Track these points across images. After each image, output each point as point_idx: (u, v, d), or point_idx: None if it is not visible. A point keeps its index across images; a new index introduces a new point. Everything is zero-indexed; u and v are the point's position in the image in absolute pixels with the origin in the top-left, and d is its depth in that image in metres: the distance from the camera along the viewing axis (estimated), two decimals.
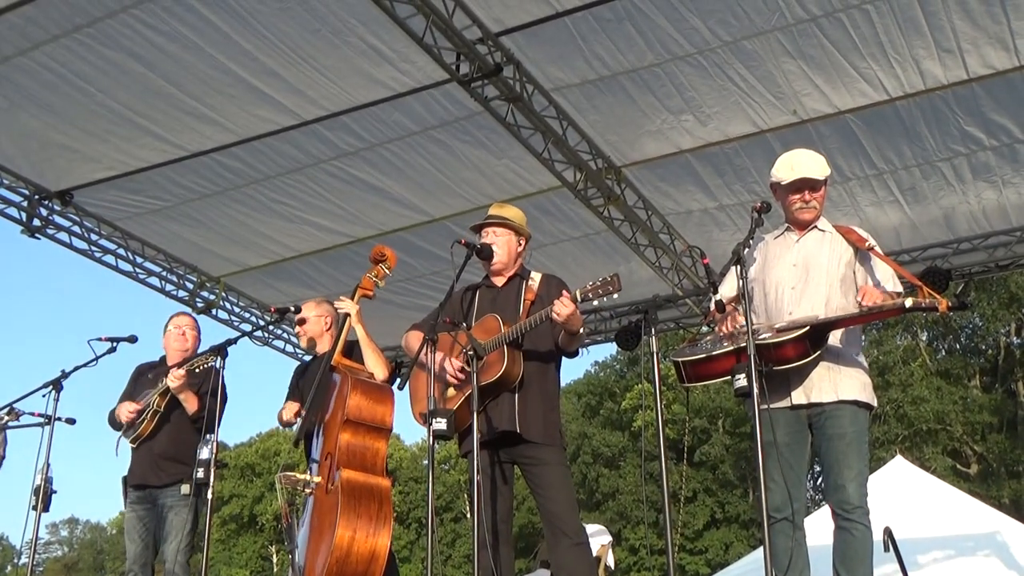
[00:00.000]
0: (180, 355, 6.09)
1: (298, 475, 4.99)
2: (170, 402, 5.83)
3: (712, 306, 4.32)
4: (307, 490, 4.95)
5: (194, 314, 6.34)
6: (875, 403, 4.33)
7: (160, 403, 5.81)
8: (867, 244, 4.38)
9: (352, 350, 5.35)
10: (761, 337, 4.09)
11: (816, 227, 4.47)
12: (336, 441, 4.82)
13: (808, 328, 4.10)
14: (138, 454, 5.94)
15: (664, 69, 7.02)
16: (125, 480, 6.01)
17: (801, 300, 4.28)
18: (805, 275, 4.34)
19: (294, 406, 5.50)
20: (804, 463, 4.33)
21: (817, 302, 4.25)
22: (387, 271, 5.35)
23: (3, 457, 6.71)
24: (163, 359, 6.21)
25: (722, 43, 6.72)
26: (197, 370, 5.64)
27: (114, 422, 6.06)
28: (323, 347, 5.77)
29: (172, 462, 5.84)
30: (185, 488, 5.77)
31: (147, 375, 6.14)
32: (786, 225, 4.54)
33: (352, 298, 5.31)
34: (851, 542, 4.10)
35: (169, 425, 5.88)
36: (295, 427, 5.39)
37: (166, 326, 6.26)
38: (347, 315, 5.29)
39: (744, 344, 3.95)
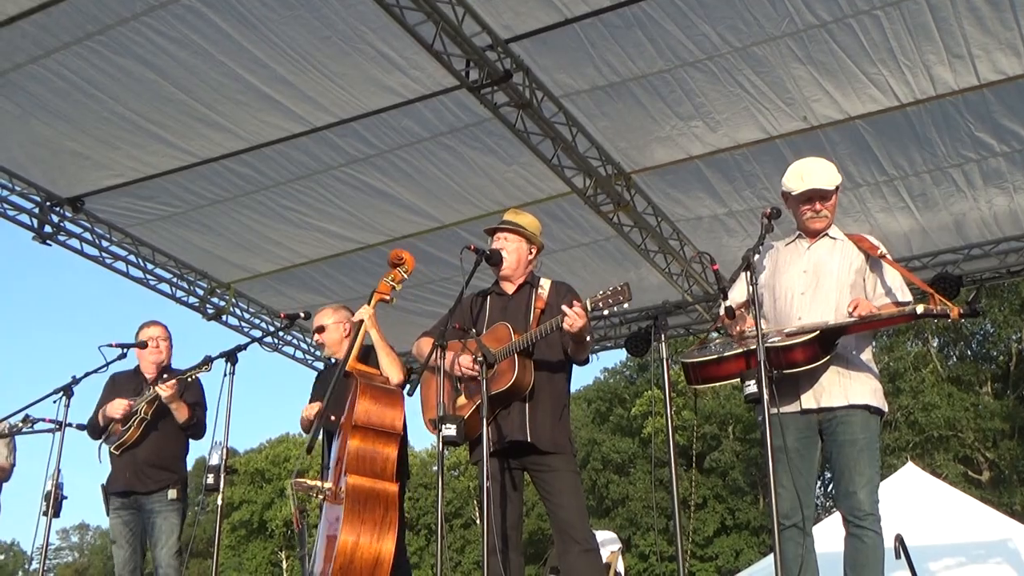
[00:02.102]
0: (155, 367, 6.10)
1: (310, 481, 4.99)
2: (157, 410, 5.84)
3: (722, 311, 4.33)
4: (319, 496, 4.95)
5: (161, 322, 6.29)
6: (886, 408, 4.31)
7: (147, 410, 5.82)
8: (879, 252, 4.37)
9: (369, 355, 5.34)
10: (770, 341, 4.08)
11: (828, 235, 4.47)
12: (346, 447, 4.82)
13: (818, 332, 4.09)
14: (121, 461, 5.92)
15: (674, 75, 7.03)
16: (104, 488, 6.00)
17: (811, 306, 4.28)
18: (815, 282, 4.34)
19: (314, 406, 5.49)
20: (814, 469, 4.31)
21: (827, 308, 4.24)
22: (405, 275, 5.30)
23: (13, 465, 6.73)
24: (138, 368, 6.19)
25: (732, 49, 6.73)
26: (190, 379, 5.65)
27: (95, 430, 6.02)
28: (343, 353, 5.76)
29: (157, 469, 5.87)
30: (172, 493, 5.81)
31: (124, 384, 6.12)
32: (797, 232, 4.54)
33: (369, 302, 5.28)
34: (862, 549, 4.08)
35: (156, 433, 5.89)
36: (311, 432, 5.39)
37: (136, 335, 6.19)
38: (361, 320, 5.27)
39: (752, 347, 3.94)
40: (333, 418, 5.19)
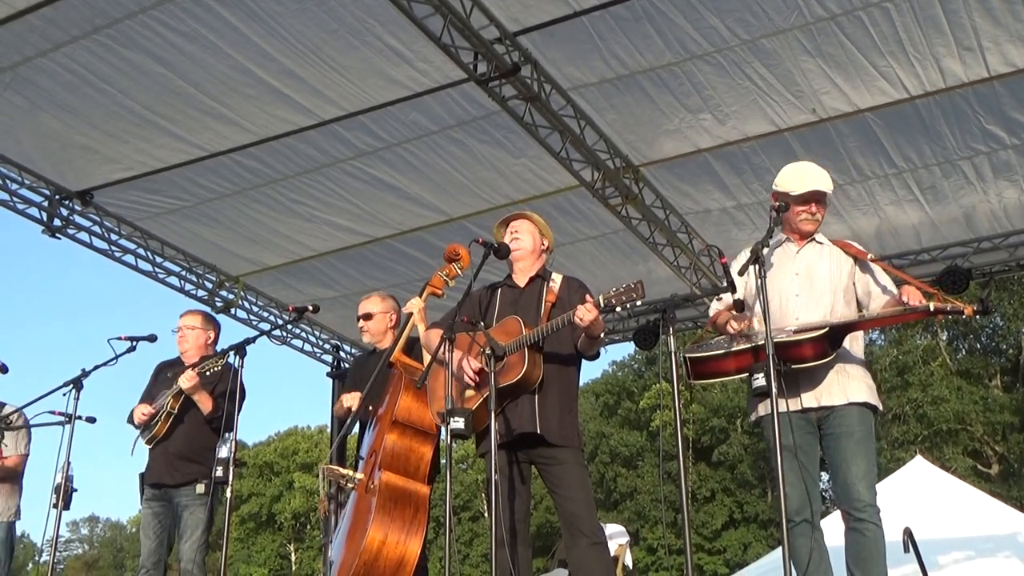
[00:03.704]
0: (187, 356, 6.16)
1: (342, 469, 5.00)
2: (184, 403, 5.86)
3: (718, 307, 4.40)
4: (349, 485, 4.96)
5: (205, 310, 6.32)
6: (880, 407, 4.36)
7: (174, 404, 5.85)
8: (868, 256, 4.44)
9: (413, 347, 5.33)
10: (778, 337, 4.09)
11: (815, 239, 4.52)
12: (382, 440, 4.82)
13: (828, 328, 4.10)
14: (154, 453, 5.99)
15: (682, 68, 7.01)
16: (142, 477, 6.05)
17: (807, 307, 4.34)
18: (809, 284, 4.39)
19: (354, 396, 5.49)
20: (817, 464, 4.36)
21: (823, 310, 4.31)
22: (459, 271, 5.23)
23: (26, 455, 6.77)
24: (179, 358, 6.25)
25: (741, 42, 6.71)
26: (207, 373, 5.66)
27: (132, 421, 6.11)
28: (385, 343, 5.76)
29: (187, 462, 5.87)
30: (200, 488, 5.80)
31: (166, 373, 6.17)
32: (784, 236, 4.55)
33: (420, 295, 5.26)
34: (864, 543, 4.08)
35: (184, 426, 5.91)
36: (347, 421, 5.40)
37: None
38: (410, 313, 5.25)
39: (757, 343, 3.96)
40: (371, 408, 5.20)
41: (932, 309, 4.02)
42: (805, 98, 7.26)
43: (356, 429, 5.64)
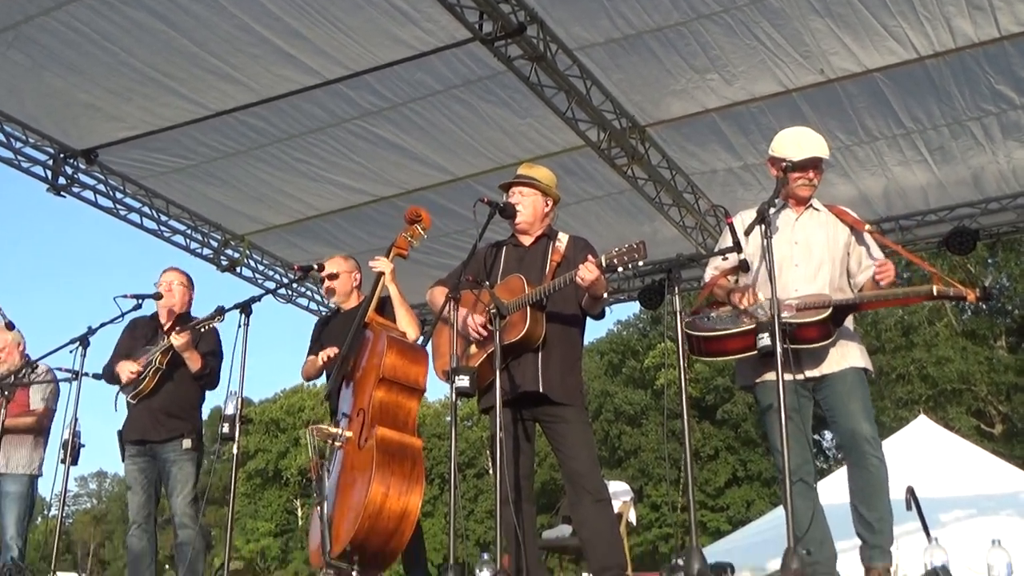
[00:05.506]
0: (169, 313, 6.12)
1: (330, 428, 5.03)
2: (172, 359, 5.87)
3: (713, 272, 4.43)
4: (337, 443, 5.00)
5: (183, 269, 6.30)
6: (872, 369, 4.38)
7: (162, 360, 5.85)
8: (866, 227, 4.43)
9: (383, 308, 5.38)
10: (783, 317, 4.06)
11: (812, 206, 4.49)
12: (369, 398, 4.86)
13: (831, 310, 4.10)
14: (137, 409, 5.94)
15: (690, 28, 6.96)
16: (120, 434, 6.06)
17: (805, 278, 4.32)
18: (808, 254, 4.36)
19: (317, 360, 5.52)
20: (810, 425, 4.39)
21: (822, 282, 4.30)
22: (422, 231, 5.41)
23: (54, 410, 6.82)
24: (156, 314, 6.20)
25: (748, 1, 6.65)
26: (203, 329, 5.67)
27: (111, 377, 6.04)
28: (350, 303, 5.80)
29: (172, 418, 5.88)
30: (186, 443, 5.84)
31: (142, 330, 6.15)
32: (781, 201, 4.50)
33: (387, 256, 5.32)
34: (867, 477, 4.10)
35: (171, 382, 5.90)
36: (328, 380, 5.42)
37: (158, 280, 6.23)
38: (381, 273, 5.30)
39: (761, 320, 3.98)
40: (352, 366, 5.23)
41: (935, 293, 4.02)
42: (813, 58, 7.21)
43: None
